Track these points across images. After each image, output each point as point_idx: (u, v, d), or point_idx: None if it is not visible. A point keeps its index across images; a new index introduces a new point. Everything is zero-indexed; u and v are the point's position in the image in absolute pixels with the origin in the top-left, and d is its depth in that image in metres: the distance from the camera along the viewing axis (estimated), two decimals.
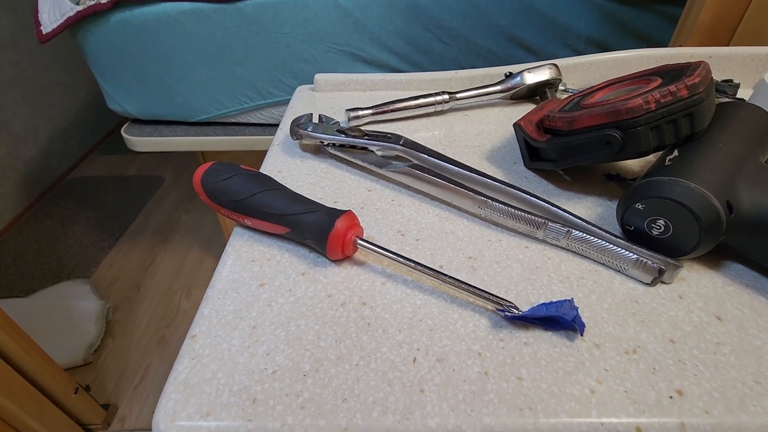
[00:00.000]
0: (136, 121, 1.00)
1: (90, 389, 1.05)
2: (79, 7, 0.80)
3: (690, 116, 0.28)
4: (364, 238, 0.27)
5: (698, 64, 0.29)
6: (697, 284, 0.26)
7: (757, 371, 0.21)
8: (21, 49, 1.58)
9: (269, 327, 0.24)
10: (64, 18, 0.82)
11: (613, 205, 0.32)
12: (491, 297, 0.24)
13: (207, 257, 1.48)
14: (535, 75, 0.46)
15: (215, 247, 1.50)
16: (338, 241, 0.26)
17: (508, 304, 0.24)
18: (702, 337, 0.23)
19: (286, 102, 0.90)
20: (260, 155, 0.41)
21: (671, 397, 0.20)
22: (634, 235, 0.28)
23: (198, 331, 0.23)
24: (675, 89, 0.27)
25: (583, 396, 0.20)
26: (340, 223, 0.26)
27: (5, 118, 1.55)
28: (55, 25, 0.83)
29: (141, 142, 0.97)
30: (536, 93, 0.47)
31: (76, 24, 0.83)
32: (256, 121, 0.96)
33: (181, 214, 1.65)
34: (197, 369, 0.22)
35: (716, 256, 0.27)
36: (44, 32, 0.84)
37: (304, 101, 0.49)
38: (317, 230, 0.26)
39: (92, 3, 0.79)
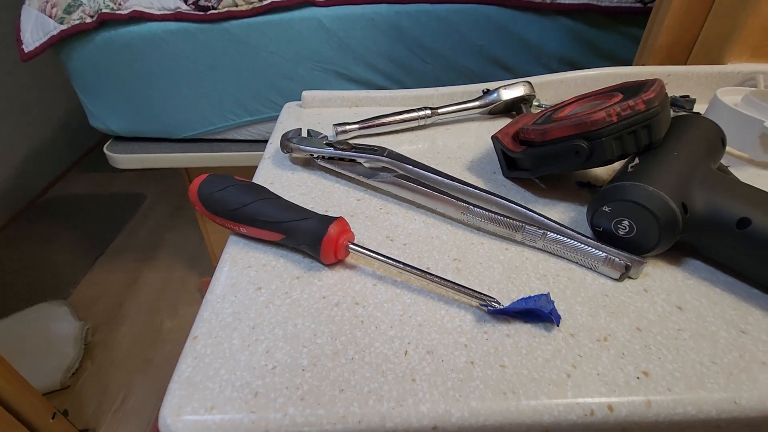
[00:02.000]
0: (119, 138, 0.99)
1: (68, 414, 1.02)
2: (63, 26, 0.81)
3: (648, 127, 0.31)
4: (355, 242, 0.29)
5: (653, 81, 0.33)
6: (660, 278, 0.29)
7: (713, 353, 0.24)
8: (0, 67, 1.57)
9: (267, 327, 0.25)
10: (48, 37, 0.82)
11: (585, 209, 0.35)
12: (475, 294, 0.26)
13: (192, 274, 1.46)
14: (511, 91, 0.49)
15: (200, 264, 1.48)
16: (331, 246, 0.28)
17: (490, 299, 0.26)
18: (665, 325, 0.25)
19: (273, 118, 0.92)
20: (246, 171, 0.42)
21: (638, 378, 0.22)
22: (603, 235, 0.30)
23: (199, 332, 0.25)
24: (633, 104, 0.30)
25: (560, 379, 0.22)
26: (332, 229, 0.28)
27: None
28: (37, 44, 0.83)
29: (125, 159, 0.97)
30: (512, 108, 0.50)
31: (59, 43, 0.83)
32: (241, 138, 0.97)
33: (164, 232, 1.63)
34: (200, 367, 0.23)
35: (676, 254, 0.30)
36: (26, 51, 0.84)
37: (292, 117, 0.51)
38: (311, 236, 0.28)
39: (77, 22, 0.80)
